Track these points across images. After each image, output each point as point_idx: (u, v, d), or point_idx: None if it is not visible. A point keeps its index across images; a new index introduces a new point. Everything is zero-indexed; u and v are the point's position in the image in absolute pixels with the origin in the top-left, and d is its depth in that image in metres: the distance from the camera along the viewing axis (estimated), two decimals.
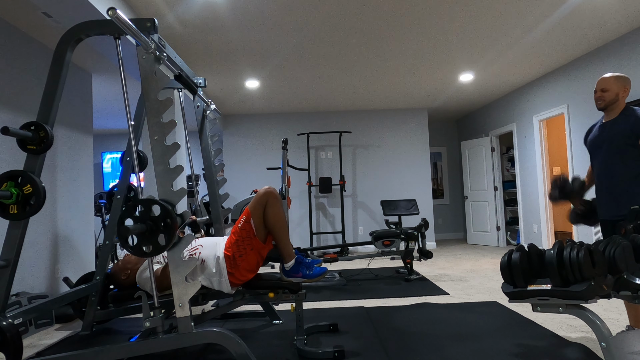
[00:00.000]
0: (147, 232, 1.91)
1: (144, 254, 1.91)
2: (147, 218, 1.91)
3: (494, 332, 2.70)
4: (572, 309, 1.67)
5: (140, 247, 1.92)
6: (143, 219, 1.91)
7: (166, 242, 1.90)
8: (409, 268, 4.66)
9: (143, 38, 2.00)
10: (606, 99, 2.31)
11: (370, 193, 7.44)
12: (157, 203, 1.92)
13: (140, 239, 1.91)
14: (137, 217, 1.91)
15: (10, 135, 1.92)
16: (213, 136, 3.33)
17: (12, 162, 3.29)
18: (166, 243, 1.90)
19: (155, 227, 1.91)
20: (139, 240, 1.91)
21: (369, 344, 2.58)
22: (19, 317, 2.11)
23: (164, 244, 1.90)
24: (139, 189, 2.26)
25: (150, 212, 1.91)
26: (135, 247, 1.91)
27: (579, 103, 5.05)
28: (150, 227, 1.91)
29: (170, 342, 2.00)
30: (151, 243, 1.91)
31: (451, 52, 4.70)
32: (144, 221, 1.90)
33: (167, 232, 1.90)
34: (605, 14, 3.84)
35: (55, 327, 3.32)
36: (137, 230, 1.87)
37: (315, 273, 2.42)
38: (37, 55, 3.65)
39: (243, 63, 4.79)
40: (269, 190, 2.42)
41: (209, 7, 3.43)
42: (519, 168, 6.55)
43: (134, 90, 5.39)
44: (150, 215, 1.91)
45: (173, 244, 1.93)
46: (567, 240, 1.71)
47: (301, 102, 6.75)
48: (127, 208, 1.92)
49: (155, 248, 1.91)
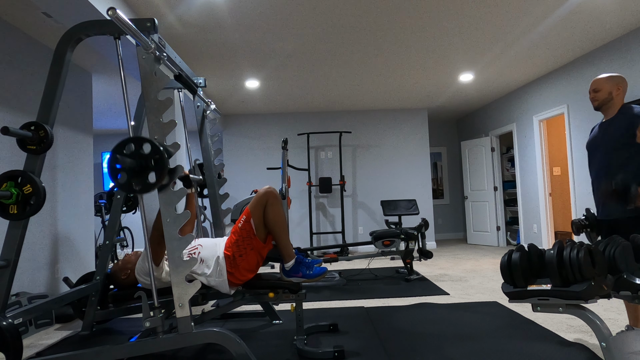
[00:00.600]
0: (137, 167, 1.91)
1: (134, 191, 1.91)
2: (137, 155, 1.92)
3: (494, 332, 2.70)
4: (572, 309, 1.67)
5: (129, 184, 1.91)
6: (133, 155, 1.92)
7: (156, 179, 1.90)
8: (409, 268, 4.66)
9: (143, 38, 2.00)
10: (599, 99, 2.32)
11: (370, 193, 7.44)
12: (148, 141, 1.93)
13: (129, 175, 1.91)
14: (128, 154, 1.92)
15: (10, 135, 1.92)
16: (213, 136, 3.33)
17: (12, 162, 3.29)
18: (156, 180, 1.90)
19: (145, 164, 1.92)
20: (129, 176, 1.92)
21: (369, 344, 2.58)
22: (19, 317, 2.11)
23: (154, 181, 1.90)
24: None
25: (141, 150, 1.93)
26: (125, 183, 1.91)
27: (579, 103, 5.05)
28: (140, 163, 1.91)
29: (170, 342, 2.00)
30: (141, 180, 1.91)
31: (451, 52, 4.70)
32: (134, 157, 1.91)
33: (157, 170, 1.91)
34: (605, 14, 3.84)
35: (55, 327, 3.32)
36: (127, 164, 1.87)
37: (315, 273, 2.42)
38: (37, 55, 3.65)
39: (243, 63, 4.79)
40: (269, 190, 2.42)
41: (209, 7, 3.43)
42: (519, 168, 6.55)
43: (134, 90, 5.39)
44: (141, 152, 1.93)
45: (162, 184, 1.94)
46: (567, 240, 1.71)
47: (301, 102, 6.75)
48: (118, 145, 1.92)
49: (144, 185, 1.91)
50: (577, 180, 5.09)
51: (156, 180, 1.90)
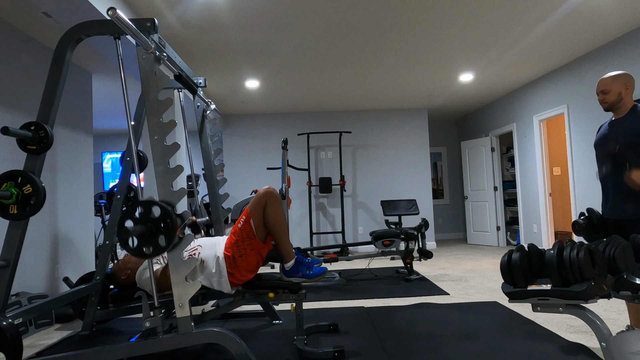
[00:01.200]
0: (147, 233, 1.91)
1: (145, 255, 1.91)
2: (147, 219, 1.91)
3: (494, 332, 2.70)
4: (572, 309, 1.67)
5: (140, 249, 1.92)
6: (143, 220, 1.91)
7: (166, 243, 1.90)
8: (409, 268, 4.66)
9: (143, 38, 2.00)
10: (609, 101, 2.28)
11: (370, 193, 7.44)
12: (156, 204, 1.92)
13: (140, 240, 1.91)
14: (137, 219, 1.91)
15: (10, 135, 1.92)
16: (213, 136, 3.33)
17: (12, 162, 3.29)
18: (166, 244, 1.90)
19: (155, 229, 1.91)
20: (139, 241, 1.92)
21: (369, 344, 2.58)
22: (19, 317, 2.11)
23: (164, 245, 1.90)
24: (139, 189, 2.26)
25: (150, 214, 1.91)
26: (136, 248, 1.91)
27: (579, 103, 5.05)
28: (150, 229, 1.91)
29: (170, 342, 2.00)
30: (151, 244, 1.91)
31: (451, 52, 4.70)
32: (144, 223, 1.91)
33: (167, 233, 1.90)
34: (605, 14, 3.83)
35: (55, 327, 3.32)
36: (137, 231, 1.87)
37: (315, 273, 2.42)
38: (37, 55, 3.65)
39: (243, 63, 4.79)
40: (268, 190, 2.42)
41: (209, 7, 3.43)
42: (519, 168, 6.55)
43: (134, 90, 5.39)
44: (150, 216, 1.91)
45: (173, 245, 1.94)
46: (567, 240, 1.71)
47: (301, 102, 6.75)
48: (127, 209, 1.92)
49: (155, 249, 1.91)
50: (577, 180, 5.09)
51: (166, 244, 1.90)
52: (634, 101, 2.30)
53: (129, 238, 1.88)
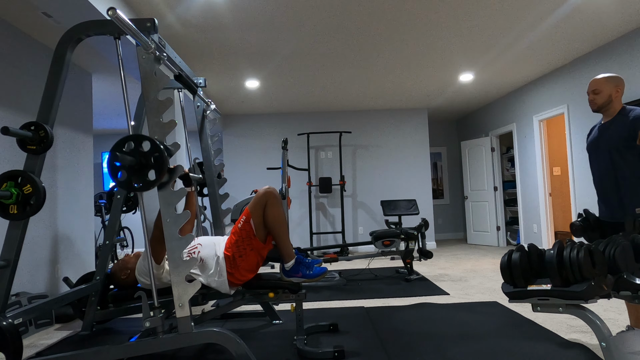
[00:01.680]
0: (137, 165, 1.91)
1: (134, 188, 1.91)
2: (137, 152, 1.92)
3: (494, 332, 2.70)
4: (572, 309, 1.67)
5: (129, 181, 1.92)
6: (133, 153, 1.92)
7: (156, 176, 1.91)
8: (409, 268, 4.66)
9: (143, 38, 2.00)
10: (598, 102, 2.31)
11: (370, 193, 7.44)
12: (147, 139, 1.93)
13: (129, 172, 1.92)
14: (127, 152, 1.92)
15: (10, 135, 1.92)
16: (213, 136, 3.33)
17: (12, 162, 3.29)
18: (156, 178, 1.91)
19: (145, 162, 1.92)
20: (129, 174, 1.92)
21: (369, 344, 2.58)
22: (19, 317, 2.11)
23: (154, 179, 1.91)
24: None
25: (141, 147, 1.93)
26: (125, 180, 1.92)
27: (579, 103, 5.05)
28: (140, 161, 1.92)
29: (170, 342, 2.00)
30: (141, 178, 1.92)
31: (451, 52, 4.70)
32: (133, 155, 1.92)
33: (157, 167, 1.91)
34: (605, 14, 3.83)
35: (55, 327, 3.32)
36: (126, 162, 1.87)
37: (315, 273, 2.42)
38: (37, 55, 3.65)
39: (243, 63, 4.79)
40: (268, 190, 2.42)
41: (209, 7, 3.43)
42: (519, 168, 6.55)
43: (134, 90, 5.39)
44: (140, 149, 1.93)
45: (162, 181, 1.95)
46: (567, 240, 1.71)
47: (301, 102, 6.75)
48: (117, 143, 1.93)
49: (144, 183, 1.91)
50: (577, 180, 5.09)
51: (156, 178, 1.91)
52: (622, 104, 2.32)
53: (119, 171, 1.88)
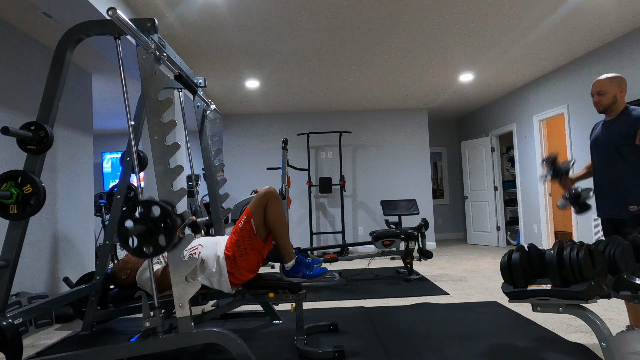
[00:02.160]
0: (147, 233, 1.91)
1: (145, 255, 1.91)
2: (147, 219, 1.91)
3: (494, 332, 2.70)
4: (572, 309, 1.67)
5: (140, 248, 1.92)
6: (143, 220, 1.91)
7: (166, 242, 1.90)
8: (409, 268, 4.66)
9: (143, 38, 2.00)
10: (604, 103, 2.32)
11: (370, 193, 7.44)
12: (156, 204, 1.92)
13: (140, 240, 1.91)
14: (137, 219, 1.91)
15: (10, 135, 1.92)
16: (213, 136, 3.33)
17: (12, 162, 3.29)
18: (166, 244, 1.90)
19: (155, 228, 1.91)
20: (139, 241, 1.91)
21: (369, 344, 2.58)
22: (19, 317, 2.11)
23: (164, 244, 1.90)
24: (139, 189, 2.26)
25: (150, 213, 1.91)
26: (136, 248, 1.91)
27: (579, 103, 5.05)
28: (150, 228, 1.91)
29: (170, 342, 2.00)
30: (151, 244, 1.91)
31: (451, 52, 4.70)
32: (144, 222, 1.90)
33: (167, 233, 1.90)
34: (605, 14, 3.84)
35: (55, 327, 3.32)
36: (137, 231, 1.87)
37: (315, 273, 2.42)
38: (37, 55, 3.65)
39: (243, 63, 4.79)
40: (269, 190, 2.42)
41: (209, 7, 3.43)
42: (519, 168, 6.55)
43: (134, 90, 5.39)
44: (150, 216, 1.91)
45: (173, 244, 1.94)
46: (567, 240, 1.71)
47: (301, 102, 6.75)
48: (127, 209, 1.92)
49: (155, 249, 1.91)
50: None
51: (166, 244, 1.90)
52: (625, 103, 2.34)
53: (129, 238, 1.88)
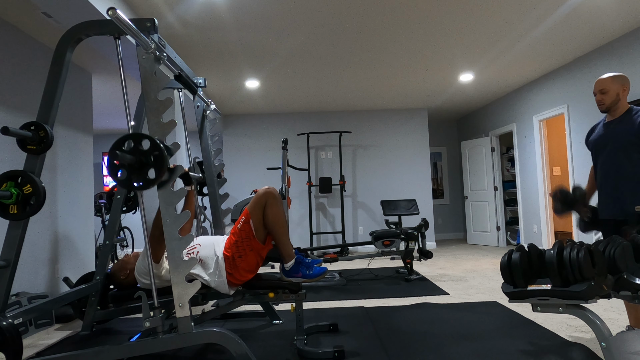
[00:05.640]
0: (137, 164, 1.91)
1: (134, 187, 1.92)
2: (137, 151, 1.92)
3: (494, 332, 2.70)
4: (572, 309, 1.67)
5: (129, 180, 1.92)
6: (133, 152, 1.92)
7: (156, 175, 1.91)
8: (409, 268, 4.66)
9: (143, 38, 2.00)
10: (607, 102, 2.30)
11: (370, 193, 7.44)
12: (146, 137, 1.94)
13: (129, 171, 1.92)
14: (127, 151, 1.92)
15: (10, 135, 1.92)
16: (213, 136, 3.33)
17: (12, 162, 3.29)
18: (156, 176, 1.91)
19: (145, 160, 1.92)
20: (129, 173, 1.92)
21: (369, 344, 2.58)
22: (19, 317, 2.11)
23: (154, 177, 1.91)
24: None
25: (140, 146, 1.93)
26: (125, 179, 1.92)
27: (579, 103, 5.05)
28: (140, 159, 1.92)
29: (170, 342, 2.00)
30: (141, 176, 1.92)
31: (451, 52, 4.70)
32: (133, 153, 1.92)
33: (157, 165, 1.91)
34: (605, 14, 3.84)
35: (55, 327, 3.32)
36: (126, 160, 1.88)
37: (315, 273, 2.42)
38: (37, 55, 3.65)
39: (243, 63, 4.79)
40: (268, 190, 2.42)
41: (209, 7, 3.43)
42: (519, 168, 6.55)
43: (134, 90, 5.39)
44: (140, 149, 1.93)
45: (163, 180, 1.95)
46: (567, 240, 1.71)
47: (301, 102, 6.75)
48: (117, 141, 1.93)
49: (145, 181, 1.91)
50: (577, 180, 5.09)
51: (156, 176, 1.91)
52: (628, 104, 2.31)
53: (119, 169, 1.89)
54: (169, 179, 1.99)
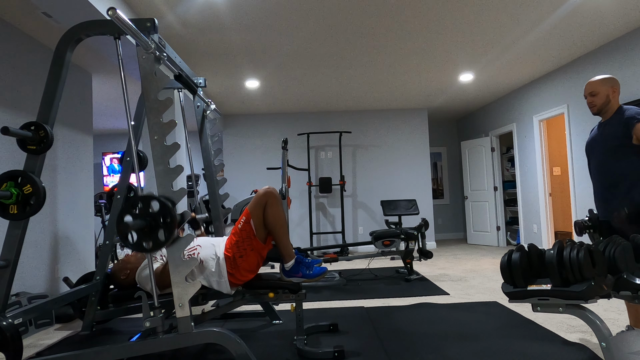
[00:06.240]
0: (147, 227, 1.91)
1: (144, 250, 1.92)
2: (146, 214, 1.91)
3: (494, 332, 2.70)
4: (572, 309, 1.67)
5: (140, 243, 1.92)
6: (142, 215, 1.91)
7: (165, 237, 1.90)
8: (409, 268, 4.66)
9: (143, 38, 2.00)
10: (597, 104, 2.32)
11: (370, 193, 7.44)
12: (156, 199, 1.93)
13: (140, 235, 1.92)
14: (137, 214, 1.92)
15: (10, 135, 1.92)
16: (213, 136, 3.33)
17: (12, 162, 3.29)
18: (166, 239, 1.90)
19: (155, 223, 1.92)
20: (139, 236, 1.92)
21: (369, 344, 2.58)
22: (19, 317, 2.11)
23: (164, 239, 1.90)
24: (139, 189, 2.26)
25: (150, 208, 1.92)
26: (135, 243, 1.92)
27: (579, 103, 5.05)
28: (150, 223, 1.91)
29: (170, 342, 2.00)
30: (151, 239, 1.91)
31: (451, 52, 4.70)
32: (143, 217, 1.91)
33: (166, 228, 1.91)
34: (604, 14, 3.83)
35: (55, 327, 3.32)
36: (136, 226, 1.88)
37: (315, 273, 2.42)
38: (37, 55, 3.65)
39: (243, 63, 4.79)
40: (268, 190, 2.42)
41: (209, 7, 3.43)
42: (519, 168, 6.55)
43: (134, 90, 5.39)
44: (150, 211, 1.92)
45: (172, 240, 1.94)
46: (567, 240, 1.71)
47: (301, 102, 6.75)
48: (127, 204, 1.93)
49: (155, 244, 1.91)
50: (577, 180, 5.09)
51: (166, 239, 1.91)
52: (620, 104, 2.33)
53: (129, 233, 1.88)
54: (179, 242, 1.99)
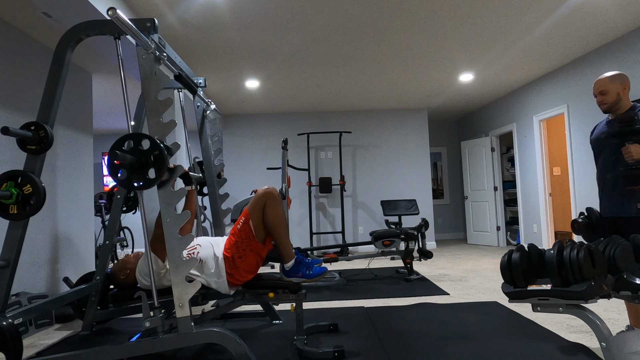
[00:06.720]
0: (137, 164, 1.92)
1: (134, 187, 1.92)
2: (136, 151, 1.93)
3: (494, 332, 2.70)
4: (572, 309, 1.67)
5: (129, 180, 1.92)
6: (133, 152, 1.93)
7: (156, 175, 1.92)
8: (409, 268, 4.66)
9: (143, 38, 2.00)
10: (608, 102, 2.28)
11: (370, 193, 7.44)
12: (146, 137, 1.94)
13: (129, 171, 1.93)
14: (127, 151, 1.93)
15: (10, 135, 1.92)
16: (213, 136, 3.33)
17: (12, 162, 3.29)
18: (156, 176, 1.92)
19: (145, 160, 1.93)
20: (129, 173, 1.93)
21: (369, 344, 2.58)
22: (19, 317, 2.11)
23: (154, 177, 1.92)
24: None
25: (140, 146, 1.94)
26: (125, 180, 1.92)
27: (579, 103, 5.05)
28: (140, 160, 1.92)
29: (170, 342, 2.00)
30: (141, 176, 1.92)
31: (451, 52, 4.70)
32: (133, 154, 1.92)
33: (157, 165, 1.92)
34: (605, 14, 3.84)
35: (55, 327, 3.32)
36: (126, 160, 1.88)
37: (315, 273, 2.42)
38: (37, 55, 3.65)
39: (243, 63, 4.79)
40: (267, 190, 2.41)
41: (209, 7, 3.43)
42: (519, 168, 6.55)
43: (134, 90, 5.39)
44: (140, 148, 1.94)
45: (163, 180, 1.95)
46: (567, 240, 1.71)
47: (301, 102, 6.75)
48: (117, 141, 1.94)
49: (145, 181, 1.92)
50: (577, 180, 5.09)
51: (156, 176, 1.91)
52: (631, 102, 2.31)
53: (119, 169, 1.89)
54: (169, 179, 1.99)
